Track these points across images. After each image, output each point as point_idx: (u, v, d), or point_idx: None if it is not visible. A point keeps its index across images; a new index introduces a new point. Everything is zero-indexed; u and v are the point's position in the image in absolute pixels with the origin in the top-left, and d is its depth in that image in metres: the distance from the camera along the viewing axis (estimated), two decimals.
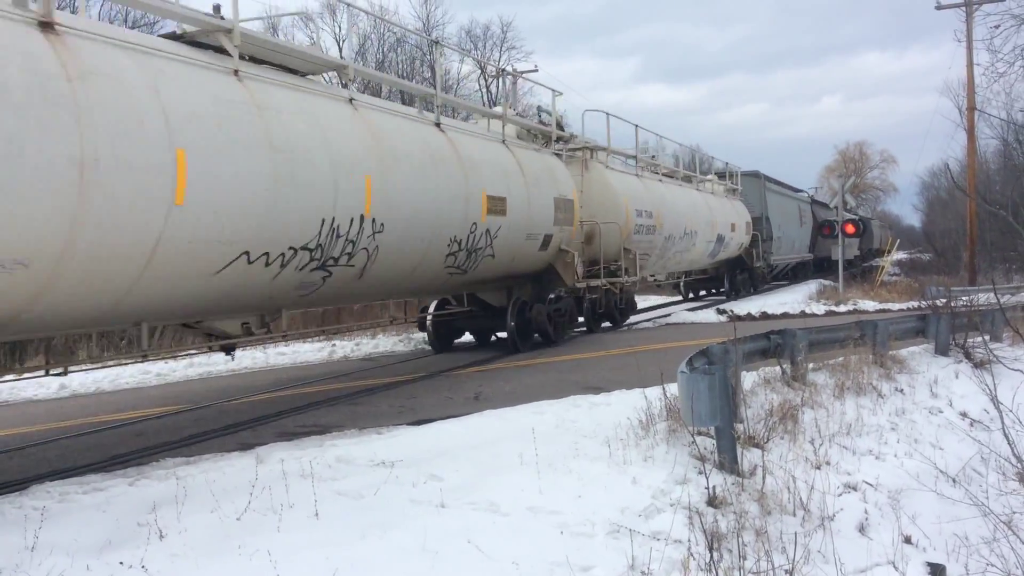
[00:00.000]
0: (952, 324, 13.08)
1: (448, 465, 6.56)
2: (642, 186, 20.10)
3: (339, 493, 5.97)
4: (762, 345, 9.88)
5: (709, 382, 6.70)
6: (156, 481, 6.59)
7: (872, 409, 9.34)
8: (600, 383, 10.79)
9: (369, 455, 6.97)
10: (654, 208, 19.84)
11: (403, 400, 10.54)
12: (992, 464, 7.83)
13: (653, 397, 7.97)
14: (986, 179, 38.80)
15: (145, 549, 4.92)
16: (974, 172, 29.99)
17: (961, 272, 31.76)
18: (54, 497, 6.19)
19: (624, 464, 6.51)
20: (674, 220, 21.24)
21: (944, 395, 10.74)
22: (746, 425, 7.54)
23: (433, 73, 31.20)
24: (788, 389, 9.39)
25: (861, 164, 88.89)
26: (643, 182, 20.41)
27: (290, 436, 8.43)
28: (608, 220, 17.45)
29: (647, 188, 20.34)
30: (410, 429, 8.38)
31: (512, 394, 10.39)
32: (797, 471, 6.90)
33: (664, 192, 21.44)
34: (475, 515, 5.51)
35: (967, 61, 28.33)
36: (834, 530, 6.11)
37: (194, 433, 8.98)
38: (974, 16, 27.52)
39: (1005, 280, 28.06)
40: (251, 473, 6.26)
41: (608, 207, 17.64)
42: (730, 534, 5.55)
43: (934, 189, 66.39)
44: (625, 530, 5.29)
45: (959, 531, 6.43)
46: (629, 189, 18.95)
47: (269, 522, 5.36)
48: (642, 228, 18.96)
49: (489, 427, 8.07)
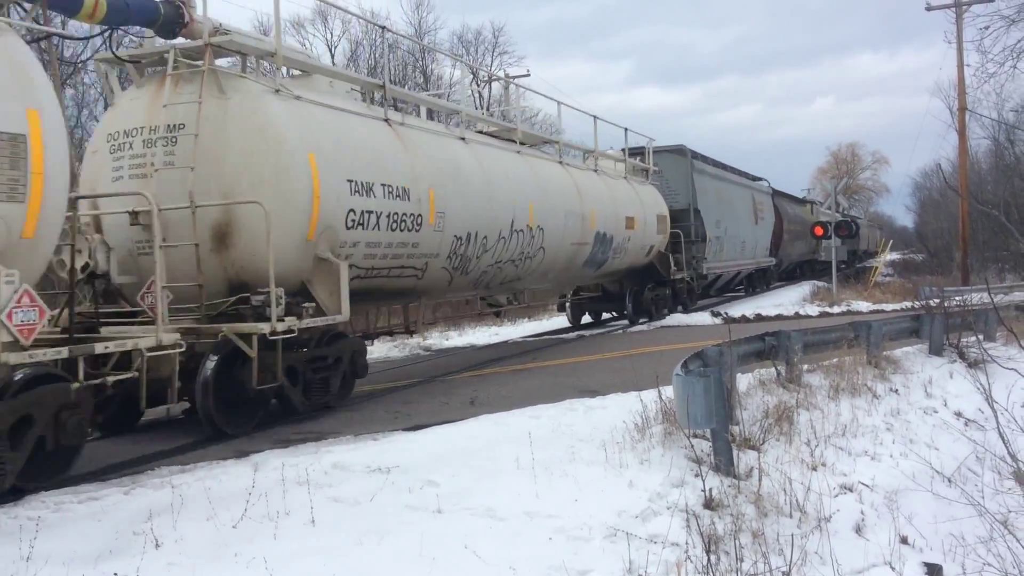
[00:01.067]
0: (946, 324, 13.11)
1: (444, 470, 6.55)
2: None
3: (335, 500, 5.96)
4: (757, 347, 9.90)
5: (704, 384, 6.71)
6: (151, 490, 6.57)
7: (867, 410, 9.35)
8: (596, 386, 10.79)
9: (365, 461, 6.96)
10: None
11: (398, 405, 10.53)
12: (987, 463, 7.86)
13: (649, 400, 7.97)
14: (978, 179, 38.90)
15: (141, 558, 4.90)
16: (966, 172, 30.10)
17: (954, 272, 31.85)
18: (49, 507, 6.17)
19: (620, 467, 6.51)
20: (480, 207, 13.17)
21: (939, 395, 10.77)
22: (742, 427, 7.55)
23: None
24: (783, 391, 9.40)
25: (853, 165, 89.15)
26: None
27: (286, 443, 8.41)
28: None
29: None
30: (406, 435, 8.37)
31: (508, 398, 10.38)
32: (793, 473, 6.90)
33: (462, 157, 13.14)
34: (472, 520, 5.51)
35: (957, 62, 28.45)
36: (831, 531, 6.11)
37: (189, 441, 8.94)
38: (964, 17, 27.66)
39: (998, 279, 28.15)
40: (247, 480, 6.25)
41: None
42: (727, 536, 5.55)
43: (926, 190, 66.59)
44: (622, 533, 5.29)
45: (955, 531, 6.44)
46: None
47: (265, 530, 5.35)
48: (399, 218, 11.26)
49: (485, 432, 8.06)
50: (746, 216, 30.02)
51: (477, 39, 45.97)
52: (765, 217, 33.17)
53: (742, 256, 29.10)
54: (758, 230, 31.75)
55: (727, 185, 28.40)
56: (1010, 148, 33.95)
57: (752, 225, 30.79)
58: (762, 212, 32.58)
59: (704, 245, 24.10)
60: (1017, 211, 25.29)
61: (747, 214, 30.29)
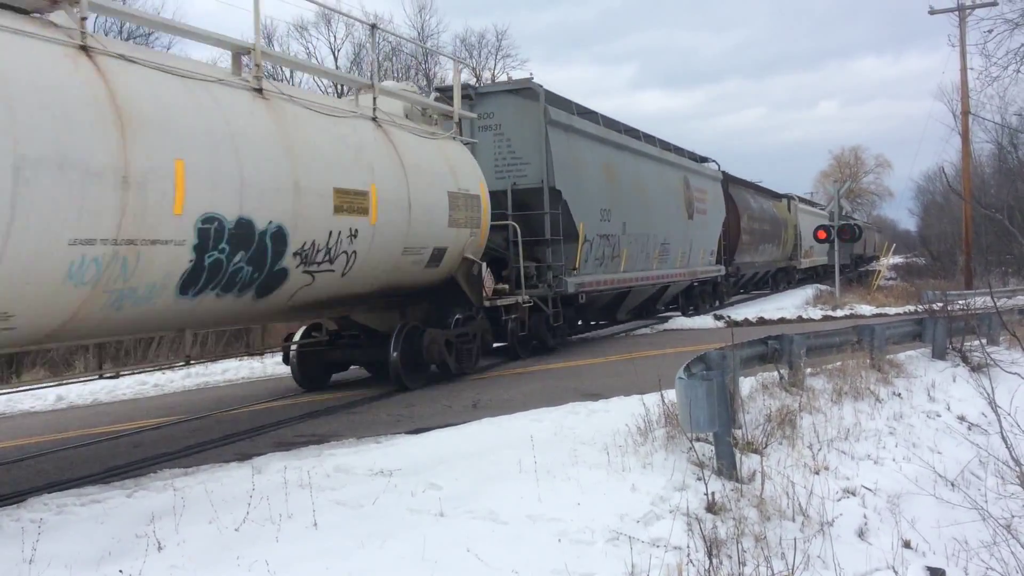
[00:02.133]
0: (949, 328, 13.09)
1: (447, 474, 6.55)
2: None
3: (338, 503, 5.96)
4: (760, 350, 9.89)
5: (707, 388, 6.70)
6: (154, 492, 6.58)
7: (870, 414, 9.34)
8: (598, 390, 10.78)
9: (367, 464, 6.96)
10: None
11: (401, 409, 10.53)
12: (991, 468, 7.84)
13: (651, 403, 7.96)
14: (981, 183, 38.91)
15: (143, 561, 4.90)
16: (969, 176, 30.09)
17: (957, 276, 31.82)
18: (52, 509, 6.17)
19: (623, 471, 6.50)
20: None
21: (942, 399, 10.75)
22: (744, 431, 7.54)
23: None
24: (786, 394, 9.39)
25: (856, 169, 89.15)
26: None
27: (288, 446, 8.41)
28: None
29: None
30: (408, 438, 8.37)
31: (510, 402, 10.39)
32: (796, 476, 6.89)
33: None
34: (474, 523, 5.50)
35: (961, 65, 28.48)
36: (833, 535, 6.10)
37: (192, 444, 8.96)
38: (967, 21, 27.66)
39: (1001, 283, 28.12)
40: (249, 483, 6.25)
41: None
42: (729, 540, 5.54)
43: (929, 193, 66.54)
44: (624, 537, 5.28)
45: (958, 535, 6.42)
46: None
47: (267, 532, 5.35)
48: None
49: (487, 435, 8.06)
50: (671, 207, 21.25)
51: (480, 42, 46.06)
52: (708, 211, 24.50)
53: (663, 264, 20.63)
54: (694, 228, 22.93)
55: (630, 158, 18.95)
56: (1013, 152, 33.95)
57: (683, 221, 22.07)
58: (702, 203, 23.91)
59: (575, 247, 15.59)
60: (1020, 215, 25.27)
61: (673, 204, 21.46)
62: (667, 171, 21.55)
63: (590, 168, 16.80)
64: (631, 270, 18.54)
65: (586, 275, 16.21)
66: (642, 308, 21.59)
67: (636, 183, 19.13)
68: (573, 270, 15.66)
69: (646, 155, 20.22)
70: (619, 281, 17.98)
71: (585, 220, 15.98)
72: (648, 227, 19.46)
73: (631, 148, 19.34)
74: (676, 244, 21.49)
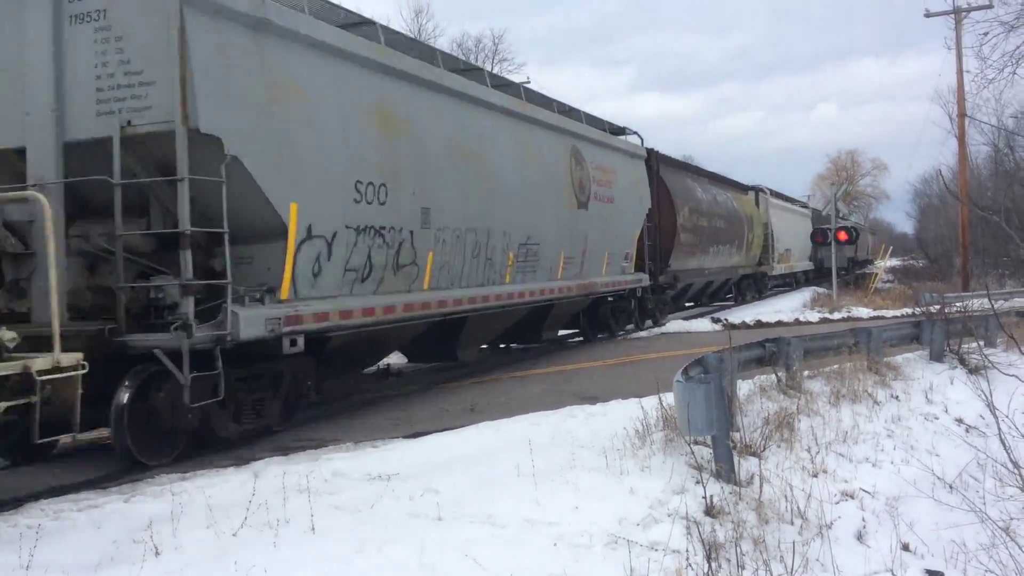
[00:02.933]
0: (946, 330, 13.11)
1: (445, 478, 6.54)
2: None
3: (336, 507, 5.94)
4: (757, 353, 9.90)
5: (705, 391, 6.70)
6: (151, 498, 6.55)
7: (868, 416, 9.34)
8: (596, 393, 10.77)
9: (365, 469, 6.95)
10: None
11: (398, 412, 10.52)
12: (989, 470, 7.84)
13: (649, 407, 7.96)
14: (978, 185, 38.98)
15: (141, 566, 4.89)
16: (965, 178, 30.16)
17: (954, 278, 31.88)
18: (48, 515, 6.16)
19: (621, 474, 6.50)
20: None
21: (940, 401, 10.75)
22: (742, 434, 7.53)
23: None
24: (784, 397, 9.39)
25: (853, 172, 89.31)
26: None
27: (285, 451, 8.39)
28: None
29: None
30: (406, 442, 8.36)
31: (507, 405, 10.36)
32: (794, 479, 6.89)
33: None
34: (472, 528, 5.49)
35: (957, 68, 28.55)
36: (832, 538, 6.10)
37: (188, 448, 8.92)
38: (963, 23, 27.73)
39: (998, 285, 28.15)
40: (247, 488, 6.24)
41: None
42: (728, 543, 5.53)
43: (926, 196, 66.69)
44: (623, 541, 5.28)
45: (957, 538, 6.42)
46: None
47: (265, 538, 5.34)
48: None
49: (485, 439, 8.05)
50: (545, 189, 14.43)
51: (477, 47, 46.09)
52: (618, 198, 17.62)
53: (530, 275, 14.01)
54: (590, 222, 16.17)
55: (450, 105, 11.85)
56: (1010, 154, 34.00)
57: (568, 210, 15.28)
58: (607, 188, 17.04)
59: (280, 249, 8.64)
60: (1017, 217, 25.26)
61: (549, 185, 14.61)
62: (537, 134, 14.50)
63: (331, 108, 9.43)
64: (450, 286, 11.75)
65: (318, 300, 9.13)
66: (502, 340, 15.60)
67: (459, 146, 11.97)
68: (271, 293, 8.58)
69: (488, 105, 12.95)
70: (414, 306, 10.82)
71: (309, 201, 8.90)
72: (489, 218, 12.58)
73: (452, 90, 11.93)
74: (554, 245, 14.72)
